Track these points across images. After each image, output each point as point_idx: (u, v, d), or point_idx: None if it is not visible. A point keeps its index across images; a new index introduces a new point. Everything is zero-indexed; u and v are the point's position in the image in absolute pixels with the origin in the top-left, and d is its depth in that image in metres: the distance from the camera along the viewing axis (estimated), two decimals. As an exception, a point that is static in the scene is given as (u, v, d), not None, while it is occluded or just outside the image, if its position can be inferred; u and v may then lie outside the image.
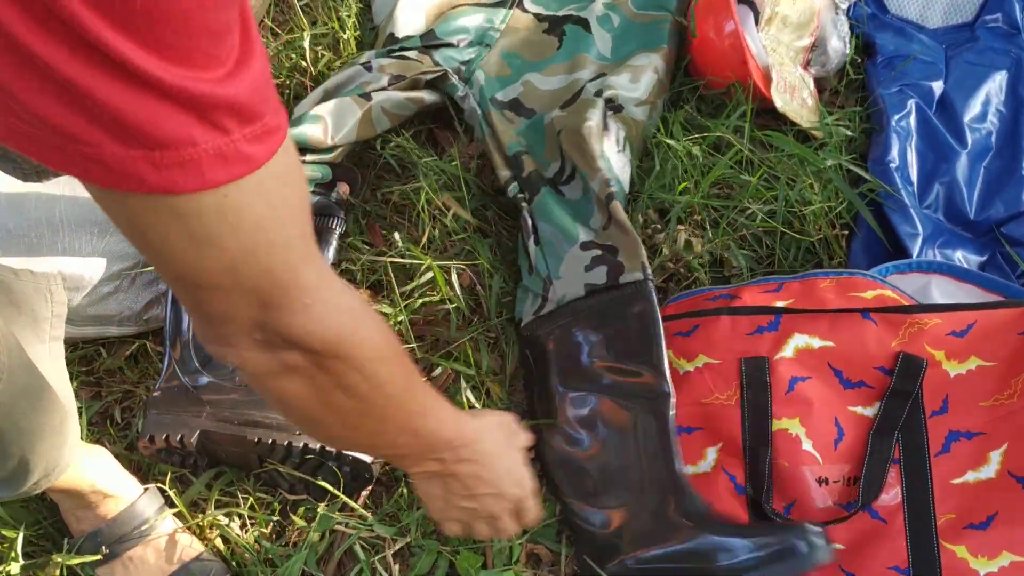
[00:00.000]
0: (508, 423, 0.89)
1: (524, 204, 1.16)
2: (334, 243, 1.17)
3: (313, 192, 1.17)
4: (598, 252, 1.09)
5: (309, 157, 1.16)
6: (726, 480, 1.01)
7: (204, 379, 1.06)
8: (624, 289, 1.06)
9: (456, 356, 1.11)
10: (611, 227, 1.11)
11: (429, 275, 1.14)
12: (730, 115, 1.23)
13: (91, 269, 1.10)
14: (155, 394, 1.06)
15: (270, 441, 0.99)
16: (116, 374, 1.15)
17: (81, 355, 1.16)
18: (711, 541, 0.93)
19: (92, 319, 1.12)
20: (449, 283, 1.15)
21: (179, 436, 1.01)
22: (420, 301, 1.14)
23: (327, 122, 1.15)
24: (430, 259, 1.14)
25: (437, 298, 1.14)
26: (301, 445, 0.99)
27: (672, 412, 1.01)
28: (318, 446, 0.99)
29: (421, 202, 1.20)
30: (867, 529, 0.96)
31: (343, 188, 1.20)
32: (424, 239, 1.19)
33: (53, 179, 0.91)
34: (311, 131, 1.14)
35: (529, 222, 1.14)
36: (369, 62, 1.24)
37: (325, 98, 1.21)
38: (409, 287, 1.14)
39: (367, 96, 1.19)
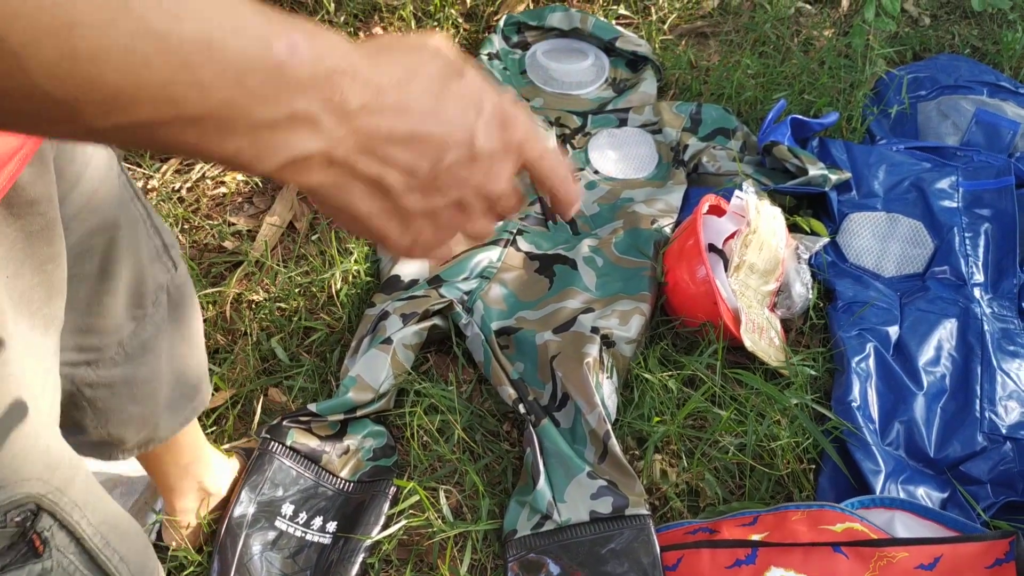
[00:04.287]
0: (434, 47, 0.43)
1: (531, 424, 1.25)
2: (381, 521, 1.18)
3: (370, 459, 1.25)
4: (604, 483, 1.18)
5: (360, 413, 1.26)
6: None
7: None
8: (629, 521, 1.14)
9: (440, 578, 1.14)
10: (607, 462, 1.21)
11: (415, 498, 1.19)
12: (703, 352, 1.33)
13: None
14: None
15: None
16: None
17: None
18: None
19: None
20: (435, 506, 1.19)
21: None
22: (405, 523, 1.18)
23: (364, 378, 1.27)
24: (413, 483, 1.19)
25: (423, 520, 1.18)
26: None
27: None
28: None
29: (412, 425, 1.27)
30: None
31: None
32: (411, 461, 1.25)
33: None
34: (355, 394, 1.26)
35: (536, 441, 1.22)
36: (384, 310, 1.36)
37: (356, 348, 1.34)
38: (395, 510, 1.19)
39: (388, 340, 1.30)
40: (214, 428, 1.30)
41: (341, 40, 0.37)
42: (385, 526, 1.17)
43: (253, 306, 1.45)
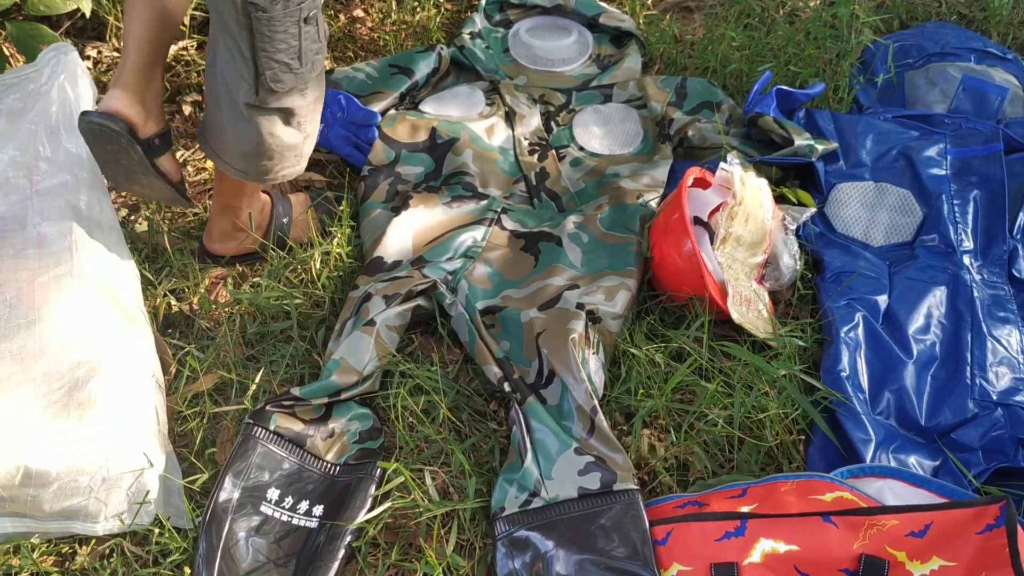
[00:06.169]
0: None
1: (516, 403, 1.24)
2: (367, 504, 1.17)
3: (356, 442, 1.23)
4: (591, 459, 1.17)
5: (344, 396, 1.25)
6: None
7: None
8: (618, 496, 1.13)
9: (426, 560, 1.13)
10: (595, 437, 1.19)
11: (400, 479, 1.18)
12: (690, 325, 1.32)
13: (59, 464, 1.11)
14: None
15: None
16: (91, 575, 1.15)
17: (54, 552, 1.16)
18: None
19: (57, 514, 1.13)
20: (421, 486, 1.18)
21: None
22: (390, 505, 1.17)
23: (348, 361, 1.26)
24: (397, 464, 1.18)
25: (409, 501, 1.17)
26: None
27: None
28: None
29: (397, 407, 1.26)
30: None
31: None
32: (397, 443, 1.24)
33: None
34: (339, 377, 1.25)
35: (522, 419, 1.21)
36: (367, 292, 1.34)
37: (340, 330, 1.32)
38: (380, 491, 1.18)
39: (371, 322, 1.29)
40: (195, 409, 1.29)
41: None
42: (371, 509, 1.16)
43: (238, 289, 1.43)
